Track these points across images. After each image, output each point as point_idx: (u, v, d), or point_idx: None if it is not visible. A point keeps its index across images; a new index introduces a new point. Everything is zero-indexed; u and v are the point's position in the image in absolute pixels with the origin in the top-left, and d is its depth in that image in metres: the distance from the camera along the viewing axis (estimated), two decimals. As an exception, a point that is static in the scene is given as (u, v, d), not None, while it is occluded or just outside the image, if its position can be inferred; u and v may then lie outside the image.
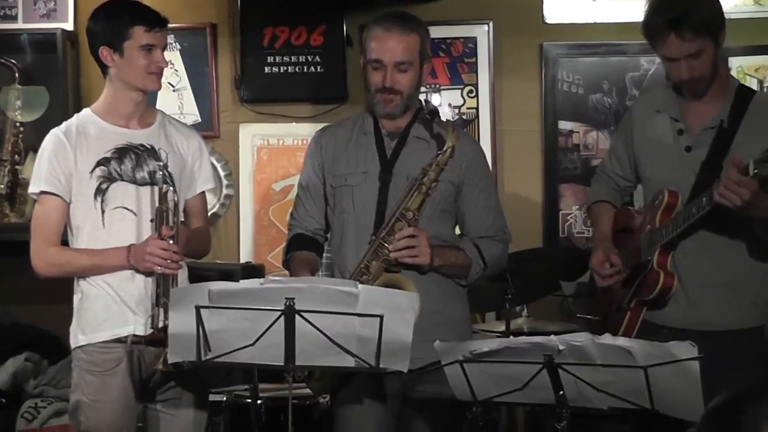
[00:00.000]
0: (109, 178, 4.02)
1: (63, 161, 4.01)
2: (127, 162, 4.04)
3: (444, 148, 3.91)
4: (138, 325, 4.01)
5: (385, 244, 3.92)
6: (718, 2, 3.88)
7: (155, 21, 4.02)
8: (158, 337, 3.90)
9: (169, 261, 3.94)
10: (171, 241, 3.95)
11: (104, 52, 4.03)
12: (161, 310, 3.92)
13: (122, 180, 4.03)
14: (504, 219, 4.19)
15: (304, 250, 4.19)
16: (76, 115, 4.15)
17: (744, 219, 3.69)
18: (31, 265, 4.05)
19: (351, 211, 4.08)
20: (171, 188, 4.00)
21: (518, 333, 5.06)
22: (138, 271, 4.00)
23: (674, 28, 3.74)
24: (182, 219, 4.14)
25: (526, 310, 5.39)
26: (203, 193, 4.27)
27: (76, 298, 4.09)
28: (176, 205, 4.03)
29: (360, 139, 4.14)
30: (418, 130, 4.08)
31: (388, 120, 4.08)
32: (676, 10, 3.74)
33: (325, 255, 4.31)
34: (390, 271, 3.93)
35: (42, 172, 4.02)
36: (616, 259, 4.04)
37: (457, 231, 4.22)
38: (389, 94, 4.00)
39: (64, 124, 4.11)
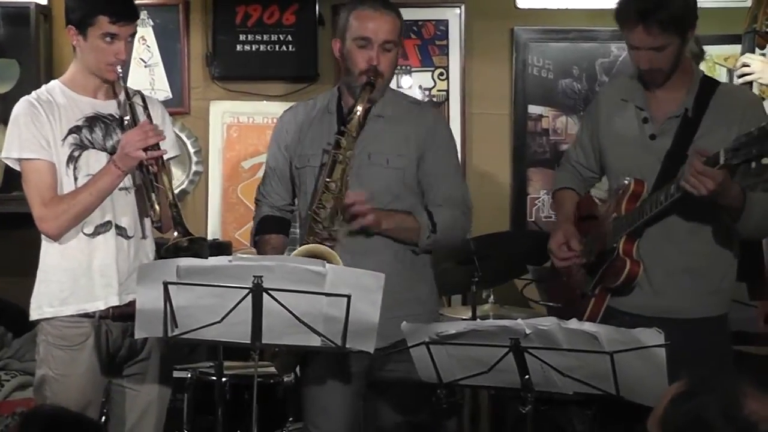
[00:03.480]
0: (81, 146, 4.01)
1: (41, 126, 3.97)
2: (98, 131, 4.04)
3: (350, 114, 3.94)
4: (111, 297, 4.00)
5: (317, 218, 3.91)
6: None
7: (122, 14, 3.96)
8: (127, 312, 3.89)
9: (147, 139, 3.90)
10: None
11: (71, 31, 4.01)
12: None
13: (93, 148, 4.02)
14: (465, 189, 4.18)
15: (272, 233, 4.18)
16: (44, 86, 4.12)
17: (708, 208, 3.71)
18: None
19: (313, 191, 4.06)
20: (138, 93, 4.06)
21: (484, 319, 5.07)
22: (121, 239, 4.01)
23: (643, 21, 3.73)
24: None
25: (492, 297, 5.38)
26: (168, 162, 4.18)
27: (41, 269, 4.06)
28: (147, 106, 4.06)
29: (324, 118, 4.12)
30: (378, 108, 4.07)
31: (353, 99, 4.06)
32: (649, 3, 3.73)
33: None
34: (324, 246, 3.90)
35: (22, 139, 3.98)
36: (576, 243, 4.04)
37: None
38: (373, 76, 3.98)
39: (33, 92, 4.08)
